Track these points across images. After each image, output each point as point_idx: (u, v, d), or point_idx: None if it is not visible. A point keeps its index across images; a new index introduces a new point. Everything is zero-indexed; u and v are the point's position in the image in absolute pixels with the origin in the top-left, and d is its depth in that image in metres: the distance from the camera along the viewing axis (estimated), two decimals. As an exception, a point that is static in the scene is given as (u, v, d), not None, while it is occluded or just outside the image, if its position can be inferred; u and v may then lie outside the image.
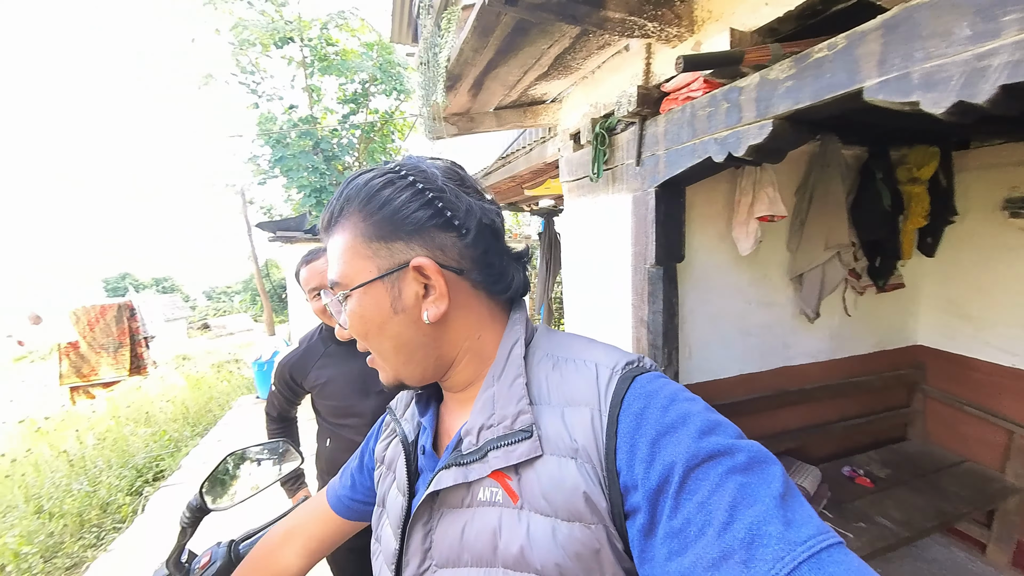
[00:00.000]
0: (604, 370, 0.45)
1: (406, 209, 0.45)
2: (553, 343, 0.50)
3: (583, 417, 0.43)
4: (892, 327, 2.35)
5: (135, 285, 30.69)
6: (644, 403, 0.41)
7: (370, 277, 0.46)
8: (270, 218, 10.36)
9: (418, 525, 0.48)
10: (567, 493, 0.41)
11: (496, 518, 0.43)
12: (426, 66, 1.85)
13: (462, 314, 0.48)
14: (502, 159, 3.03)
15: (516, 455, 0.43)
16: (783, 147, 1.09)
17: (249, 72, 9.09)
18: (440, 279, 0.45)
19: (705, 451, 0.36)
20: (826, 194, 1.83)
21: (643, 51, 1.47)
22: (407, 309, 0.46)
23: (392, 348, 0.48)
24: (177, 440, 4.99)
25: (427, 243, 0.46)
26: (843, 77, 0.85)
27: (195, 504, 0.76)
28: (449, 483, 0.45)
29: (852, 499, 1.96)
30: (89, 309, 3.91)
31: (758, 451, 0.37)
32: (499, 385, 0.46)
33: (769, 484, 0.34)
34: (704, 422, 0.39)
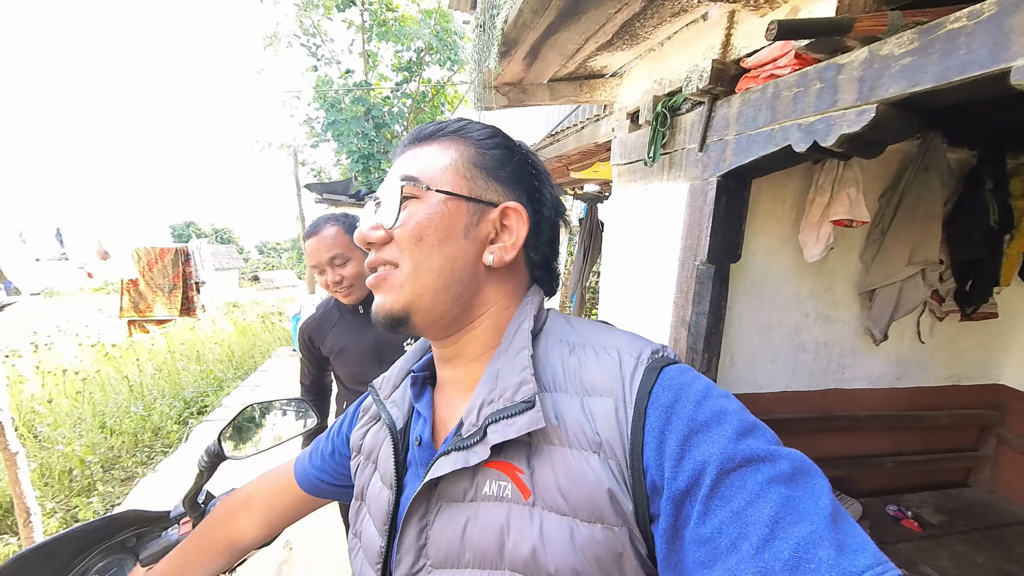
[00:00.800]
0: (628, 359, 0.41)
1: (516, 165, 0.48)
2: (567, 329, 0.47)
3: (606, 408, 0.39)
4: (973, 361, 2.07)
5: (197, 234, 33.20)
6: (675, 396, 0.38)
7: (459, 191, 0.45)
8: (320, 180, 10.73)
9: (413, 520, 0.44)
10: (589, 490, 0.37)
11: (503, 515, 0.39)
12: (482, 29, 1.75)
13: (507, 277, 0.48)
14: (551, 136, 2.90)
15: (515, 428, 0.38)
16: (884, 139, 0.92)
17: (311, 35, 9.27)
18: (524, 230, 0.46)
19: (743, 454, 0.33)
20: (919, 202, 1.59)
21: (724, 20, 1.30)
22: (476, 240, 0.45)
23: (438, 268, 0.44)
24: (221, 380, 5.40)
25: (519, 200, 0.47)
26: (984, 54, 0.69)
27: (213, 450, 0.76)
28: (448, 469, 0.40)
29: (895, 541, 1.78)
30: (150, 250, 4.23)
31: (801, 461, 0.33)
32: (504, 358, 0.43)
33: (817, 500, 0.31)
34: (742, 423, 0.35)
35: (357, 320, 1.33)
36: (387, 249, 0.45)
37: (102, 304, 8.97)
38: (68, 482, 3.10)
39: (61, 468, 3.15)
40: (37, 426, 3.58)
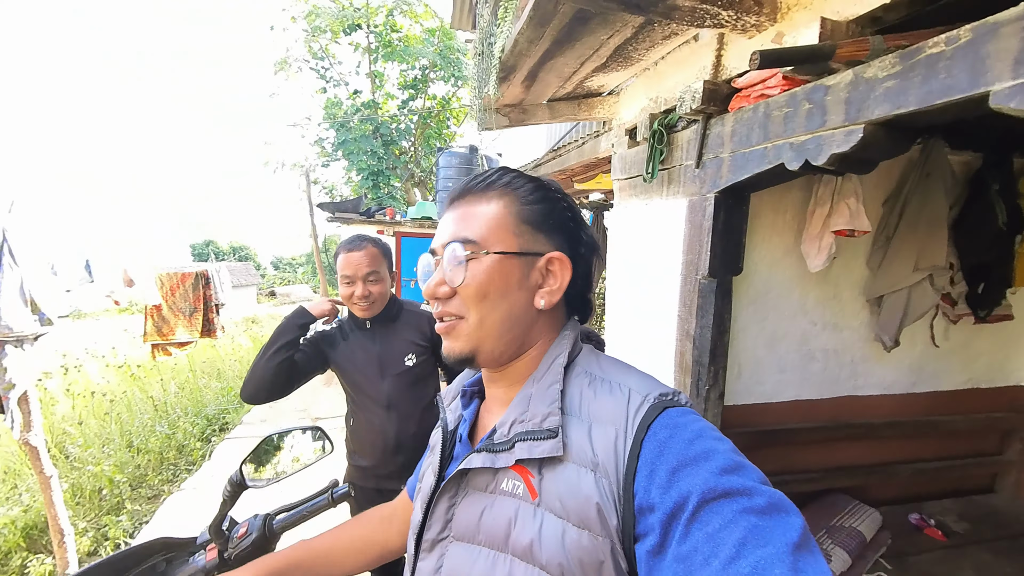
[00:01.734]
0: (636, 396, 0.47)
1: (556, 212, 0.54)
2: (593, 363, 0.53)
3: (608, 436, 0.45)
4: (990, 364, 2.03)
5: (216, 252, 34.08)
6: (669, 433, 0.43)
7: (510, 249, 0.51)
8: (332, 198, 10.97)
9: (444, 497, 0.53)
10: (581, 501, 0.43)
11: (513, 509, 0.47)
12: (480, 56, 1.82)
13: (553, 316, 0.55)
14: (553, 151, 2.95)
15: (539, 450, 0.46)
16: (874, 157, 0.94)
17: (320, 58, 9.56)
18: (567, 275, 0.53)
19: (723, 487, 0.37)
20: (923, 207, 1.59)
21: (714, 42, 1.33)
22: (529, 289, 0.52)
23: (500, 317, 0.52)
24: (241, 397, 5.51)
25: (560, 246, 0.53)
26: (963, 79, 0.71)
27: (236, 479, 0.81)
28: (477, 465, 0.49)
29: (918, 552, 1.74)
30: (172, 276, 4.38)
31: (780, 499, 0.37)
32: (537, 387, 0.50)
33: (785, 531, 0.34)
34: (727, 461, 0.39)
35: (364, 336, 1.40)
36: (452, 303, 0.53)
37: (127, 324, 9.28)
38: (98, 501, 3.20)
39: (91, 488, 3.26)
40: (68, 447, 3.72)
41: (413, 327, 1.43)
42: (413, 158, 10.19)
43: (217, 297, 4.55)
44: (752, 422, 1.73)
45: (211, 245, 38.43)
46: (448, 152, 6.60)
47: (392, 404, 1.36)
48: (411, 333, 1.41)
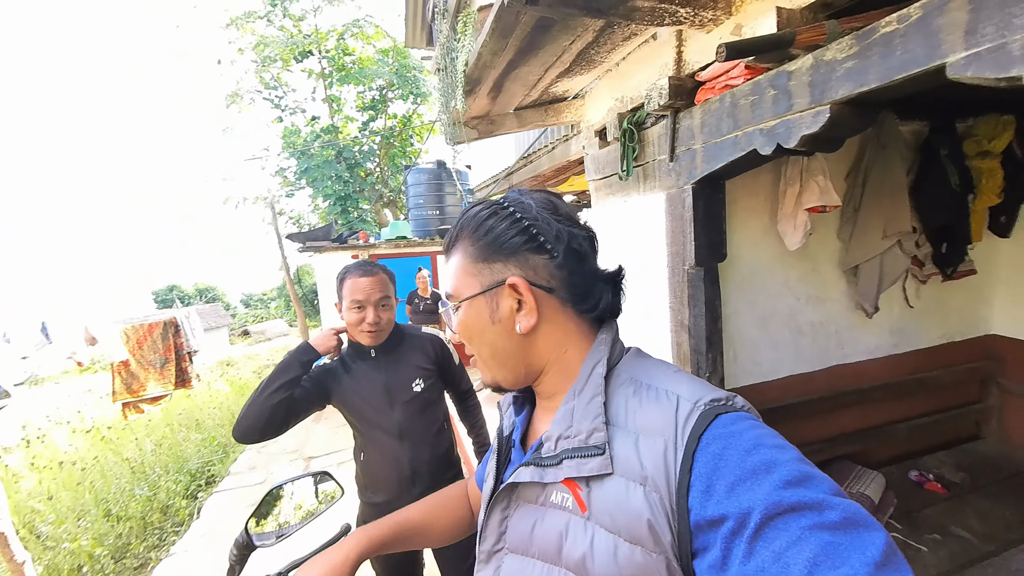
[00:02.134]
0: (685, 404, 0.44)
1: (504, 235, 0.52)
2: (639, 368, 0.51)
3: (656, 448, 0.43)
4: (961, 317, 2.14)
5: (181, 297, 32.58)
6: (724, 444, 0.40)
7: (473, 292, 0.53)
8: (300, 227, 10.71)
9: (497, 508, 0.54)
10: (631, 516, 0.42)
11: (564, 522, 0.47)
12: (444, 72, 1.81)
13: (550, 328, 0.53)
14: (524, 158, 2.97)
15: (587, 468, 0.45)
16: (842, 135, 0.97)
17: (272, 88, 9.38)
18: (530, 295, 0.51)
19: (789, 501, 0.34)
20: (883, 177, 1.67)
21: (673, 39, 1.37)
22: (502, 320, 0.52)
23: (489, 353, 0.55)
24: (225, 445, 5.24)
25: (521, 264, 0.52)
26: (920, 53, 0.74)
27: (242, 541, 0.75)
28: (525, 479, 0.50)
29: (922, 507, 1.80)
30: (138, 328, 4.13)
31: (856, 512, 0.34)
32: (578, 400, 0.49)
33: (864, 549, 0.31)
34: (792, 472, 0.37)
35: (368, 366, 1.34)
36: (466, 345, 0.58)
37: (92, 385, 8.72)
38: (79, 581, 2.96)
39: (70, 567, 3.00)
40: (39, 526, 3.43)
41: (417, 351, 1.38)
42: (380, 179, 10.08)
43: (189, 344, 4.32)
44: (753, 403, 1.75)
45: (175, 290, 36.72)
46: (416, 169, 6.56)
47: (404, 433, 1.31)
48: (416, 358, 1.37)
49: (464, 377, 1.53)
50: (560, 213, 0.54)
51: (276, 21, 9.14)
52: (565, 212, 0.55)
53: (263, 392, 1.19)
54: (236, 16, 8.97)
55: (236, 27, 8.97)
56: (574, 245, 0.52)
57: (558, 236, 0.52)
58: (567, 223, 0.54)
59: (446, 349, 1.47)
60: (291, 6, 9.08)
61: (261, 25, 9.09)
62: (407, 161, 10.08)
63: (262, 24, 9.08)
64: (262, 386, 1.20)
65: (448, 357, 1.47)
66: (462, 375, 1.52)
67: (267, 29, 9.08)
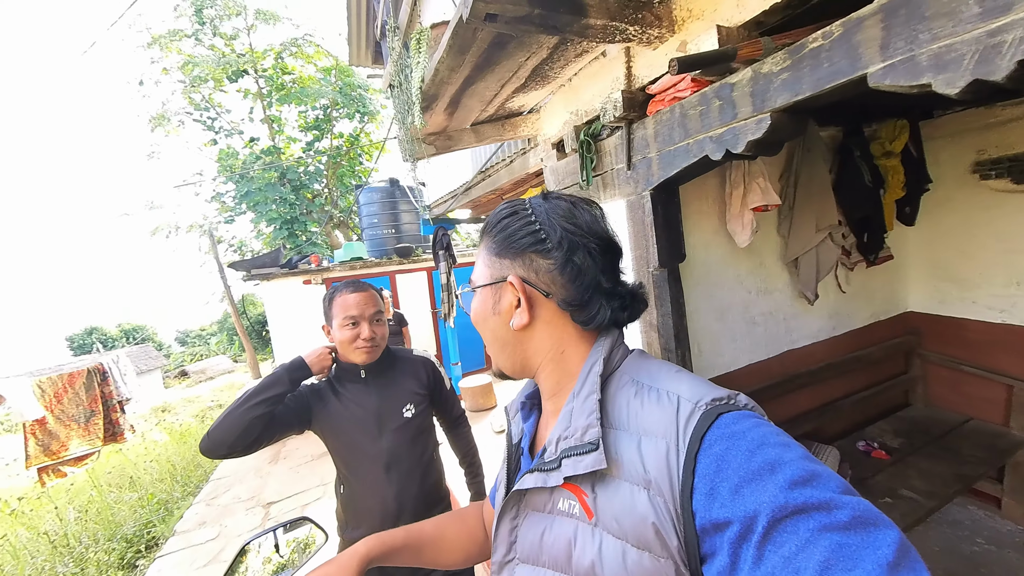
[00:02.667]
0: (686, 404, 0.44)
1: (516, 235, 0.54)
2: (641, 369, 0.51)
3: (658, 450, 0.43)
4: (885, 298, 2.40)
5: (103, 340, 29.18)
6: (727, 445, 0.40)
7: (484, 282, 0.57)
8: (242, 254, 10.03)
9: (506, 518, 0.54)
10: (637, 521, 0.42)
11: (572, 529, 0.47)
12: (399, 89, 1.79)
13: (546, 329, 0.54)
14: (482, 172, 2.99)
15: (583, 465, 0.45)
16: (783, 139, 1.07)
17: (204, 109, 8.82)
18: (523, 295, 0.53)
19: (796, 503, 0.34)
20: (811, 177, 1.85)
21: (622, 56, 1.45)
22: (501, 313, 0.55)
23: (489, 340, 0.58)
24: (167, 502, 4.69)
25: (525, 265, 0.53)
26: (844, 65, 0.84)
27: None
28: (530, 485, 0.50)
29: (873, 474, 1.96)
30: (55, 379, 3.60)
31: (866, 511, 0.33)
32: (576, 400, 0.50)
33: (876, 549, 0.30)
34: (798, 471, 0.36)
35: (358, 389, 1.26)
36: None
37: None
38: None
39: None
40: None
41: (410, 375, 1.32)
42: (329, 200, 9.71)
43: (120, 392, 3.85)
44: (720, 394, 1.85)
45: (95, 332, 32.78)
46: (368, 188, 6.40)
47: (392, 463, 1.23)
48: (409, 381, 1.31)
49: (456, 402, 1.48)
50: (575, 221, 0.53)
51: (205, 40, 8.65)
52: (583, 221, 0.54)
53: (244, 404, 1.10)
54: (159, 35, 8.39)
55: (159, 46, 8.38)
56: (574, 256, 0.52)
57: (559, 243, 0.52)
58: (579, 232, 0.53)
59: (438, 372, 1.42)
60: (221, 25, 8.65)
61: (189, 44, 8.56)
62: (357, 180, 9.81)
63: (190, 43, 8.55)
64: (243, 397, 1.11)
65: (440, 381, 1.41)
66: (454, 400, 1.46)
67: (196, 48, 8.56)
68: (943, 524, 2.19)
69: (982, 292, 2.20)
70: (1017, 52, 0.62)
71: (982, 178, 2.09)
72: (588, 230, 0.53)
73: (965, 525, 2.17)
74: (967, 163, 2.14)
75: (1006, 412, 2.16)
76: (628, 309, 0.54)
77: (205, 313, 43.30)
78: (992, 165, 2.04)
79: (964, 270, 2.26)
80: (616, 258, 0.56)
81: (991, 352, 2.20)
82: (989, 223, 2.13)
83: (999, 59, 0.64)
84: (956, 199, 2.22)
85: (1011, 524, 2.12)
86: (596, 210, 0.57)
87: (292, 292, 5.57)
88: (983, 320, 2.21)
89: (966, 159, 2.15)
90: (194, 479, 5.45)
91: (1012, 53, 0.63)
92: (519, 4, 1.02)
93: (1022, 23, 0.61)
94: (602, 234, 0.54)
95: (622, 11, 1.14)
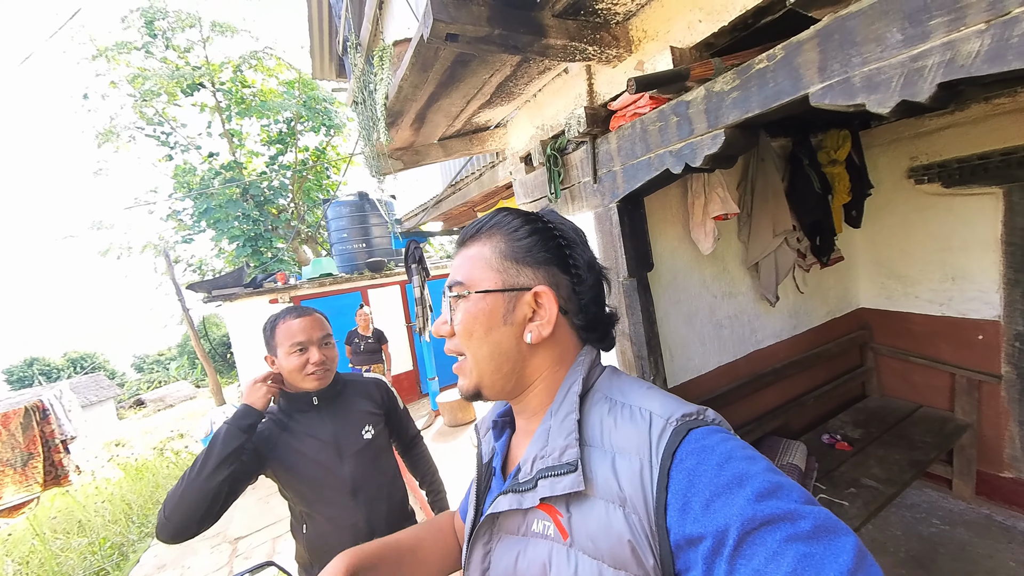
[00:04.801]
0: (658, 420, 0.45)
1: (541, 245, 0.53)
2: (614, 386, 0.52)
3: (632, 467, 0.43)
4: (839, 296, 2.54)
5: (45, 371, 26.92)
6: (697, 460, 0.40)
7: (493, 287, 0.52)
8: (202, 274, 9.54)
9: (479, 544, 0.53)
10: (613, 540, 0.42)
11: (547, 552, 0.46)
12: (363, 105, 1.77)
13: (553, 346, 0.54)
14: (452, 186, 2.98)
15: (561, 486, 0.44)
16: (737, 153, 1.12)
17: (157, 123, 8.41)
18: (554, 308, 0.52)
19: (763, 515, 0.35)
20: (766, 186, 1.95)
21: (583, 73, 1.49)
22: (515, 324, 0.52)
23: (488, 354, 0.53)
24: (122, 545, 4.34)
25: (549, 277, 0.53)
26: (787, 85, 0.89)
27: None
28: (504, 507, 0.49)
29: (837, 465, 2.06)
30: (-12, 420, 3.30)
31: (826, 519, 0.35)
32: (555, 419, 0.49)
33: (837, 556, 0.32)
34: (763, 484, 0.37)
35: (310, 418, 1.20)
36: (453, 340, 0.55)
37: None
38: None
39: None
40: None
41: (363, 396, 1.29)
42: (295, 215, 9.42)
43: (63, 431, 3.53)
44: (693, 397, 1.90)
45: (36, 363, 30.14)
46: (336, 202, 6.26)
47: (358, 488, 1.18)
48: (362, 403, 1.27)
49: (411, 422, 1.45)
50: (587, 244, 0.57)
51: (157, 53, 8.28)
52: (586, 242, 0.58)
53: (200, 472, 0.99)
54: (104, 47, 7.97)
55: (106, 59, 7.95)
56: (589, 276, 0.55)
57: (589, 265, 0.55)
58: (589, 255, 0.57)
59: (391, 392, 1.40)
60: (174, 37, 8.31)
61: (139, 57, 8.17)
62: (324, 195, 9.57)
63: (140, 56, 8.16)
64: (197, 466, 1.00)
65: (393, 400, 1.39)
66: (408, 420, 1.44)
67: (147, 61, 8.18)
68: (902, 508, 2.31)
69: (922, 287, 2.37)
70: (938, 75, 0.68)
71: (916, 183, 2.27)
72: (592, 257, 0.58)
73: (922, 507, 2.30)
74: (903, 169, 2.32)
75: (951, 398, 2.32)
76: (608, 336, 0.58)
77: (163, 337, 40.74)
78: (924, 171, 2.21)
79: (905, 268, 2.43)
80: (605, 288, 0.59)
81: (934, 343, 2.36)
82: (924, 224, 2.31)
83: (922, 82, 0.69)
84: (895, 202, 2.40)
85: (962, 503, 2.26)
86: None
87: (258, 312, 5.34)
88: (925, 313, 2.38)
89: (902, 165, 2.32)
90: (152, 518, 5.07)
91: (933, 76, 0.68)
92: (479, 25, 1.03)
93: (940, 49, 0.67)
94: (595, 263, 0.57)
95: (581, 32, 1.18)
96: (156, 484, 5.98)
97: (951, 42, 0.65)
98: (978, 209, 2.10)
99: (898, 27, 0.71)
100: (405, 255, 4.08)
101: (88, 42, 8.01)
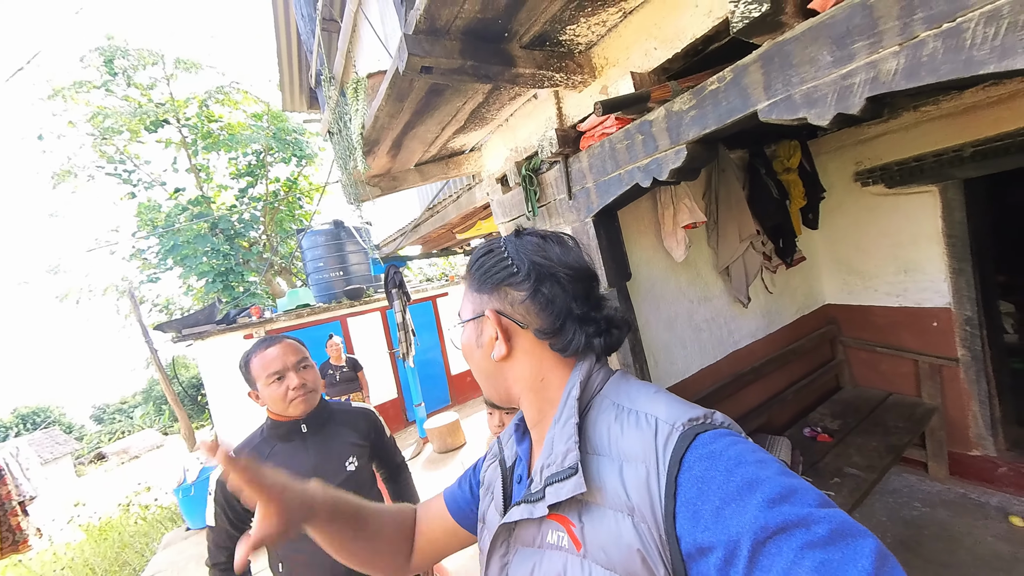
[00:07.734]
0: (664, 426, 0.44)
1: (491, 271, 0.56)
2: (621, 391, 0.52)
3: (638, 475, 0.43)
4: (805, 294, 2.68)
5: (-8, 430, 24.75)
6: (706, 465, 0.40)
7: (467, 317, 0.59)
8: (169, 314, 9.14)
9: (496, 555, 0.54)
10: (623, 550, 0.41)
11: (562, 563, 0.46)
12: (339, 135, 1.80)
13: (525, 359, 0.55)
14: (430, 209, 3.02)
15: (565, 490, 0.45)
16: (699, 165, 1.20)
17: (118, 161, 8.17)
18: (499, 328, 0.54)
19: (776, 522, 0.34)
20: (728, 194, 2.07)
21: (552, 98, 1.57)
22: (483, 346, 0.57)
23: (478, 372, 0.60)
24: (86, 615, 3.96)
25: (501, 298, 0.55)
26: (738, 103, 0.98)
27: None
28: (516, 518, 0.50)
29: (821, 457, 2.13)
30: (-65, 487, 3.01)
31: (842, 522, 0.34)
32: (557, 427, 0.50)
33: (856, 561, 0.31)
34: (775, 488, 0.36)
35: (293, 448, 1.17)
36: None
37: None
38: None
39: None
40: None
41: (349, 427, 1.26)
42: (268, 247, 9.23)
43: (20, 491, 3.26)
44: (679, 401, 1.94)
45: (-17, 423, 27.63)
46: (311, 232, 6.18)
47: None
48: (348, 434, 1.25)
49: (397, 450, 1.43)
50: (545, 254, 0.55)
51: (118, 91, 8.13)
52: (553, 253, 0.55)
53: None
54: (61, 87, 7.77)
55: (63, 98, 7.74)
56: (542, 286, 0.53)
57: (528, 275, 0.53)
58: (548, 263, 0.54)
59: (378, 422, 1.38)
60: (136, 75, 8.20)
61: (99, 95, 7.99)
62: (298, 224, 9.44)
63: (100, 94, 7.99)
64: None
65: (380, 430, 1.37)
66: (394, 448, 1.42)
67: (107, 99, 8.01)
68: (885, 494, 2.40)
69: (880, 281, 2.54)
70: (865, 91, 0.77)
71: (863, 185, 2.46)
72: (558, 261, 0.55)
73: (903, 492, 2.39)
74: (850, 173, 2.51)
75: (916, 384, 2.46)
76: (603, 334, 0.54)
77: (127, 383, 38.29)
78: (868, 174, 2.40)
79: (862, 264, 2.60)
80: (590, 285, 0.56)
81: (896, 332, 2.51)
82: (874, 222, 2.49)
83: (853, 97, 0.78)
84: (846, 204, 2.58)
85: (938, 484, 2.37)
86: (570, 241, 0.59)
87: (232, 349, 5.14)
88: (884, 305, 2.54)
89: (849, 170, 2.51)
90: (120, 581, 4.67)
91: (862, 91, 0.77)
92: (452, 57, 1.09)
93: (864, 68, 0.76)
94: (572, 264, 0.55)
95: (548, 61, 1.25)
96: (123, 544, 5.54)
97: (873, 62, 0.74)
98: (920, 206, 2.28)
99: (828, 50, 0.80)
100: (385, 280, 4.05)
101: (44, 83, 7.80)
